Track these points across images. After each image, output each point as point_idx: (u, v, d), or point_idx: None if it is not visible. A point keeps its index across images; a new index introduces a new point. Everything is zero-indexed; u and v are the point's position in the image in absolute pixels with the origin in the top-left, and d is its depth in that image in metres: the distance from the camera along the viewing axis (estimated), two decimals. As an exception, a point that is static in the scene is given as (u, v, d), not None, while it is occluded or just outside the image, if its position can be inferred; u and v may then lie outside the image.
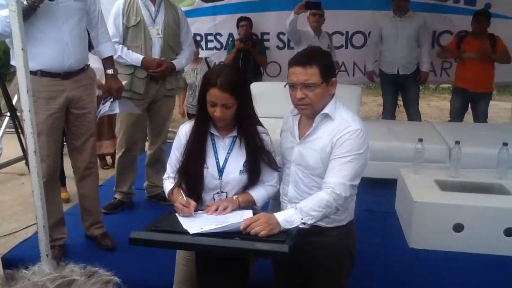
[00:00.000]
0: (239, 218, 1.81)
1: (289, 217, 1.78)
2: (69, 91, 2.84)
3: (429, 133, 4.33)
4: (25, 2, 2.50)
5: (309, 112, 1.98)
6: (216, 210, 1.93)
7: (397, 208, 3.62)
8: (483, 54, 4.88)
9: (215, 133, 2.06)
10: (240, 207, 2.00)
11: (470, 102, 5.27)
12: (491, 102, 5.40)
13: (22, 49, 2.22)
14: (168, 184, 2.13)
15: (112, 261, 2.97)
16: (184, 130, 2.10)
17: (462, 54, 5.02)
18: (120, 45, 3.45)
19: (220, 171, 2.04)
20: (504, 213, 2.95)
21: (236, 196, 2.05)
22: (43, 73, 2.74)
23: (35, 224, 2.60)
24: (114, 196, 3.71)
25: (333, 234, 2.04)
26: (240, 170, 2.04)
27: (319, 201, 1.82)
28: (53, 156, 2.89)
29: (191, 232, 1.72)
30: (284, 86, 1.98)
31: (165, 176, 2.17)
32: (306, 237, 1.99)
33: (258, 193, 2.08)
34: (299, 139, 2.02)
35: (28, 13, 2.55)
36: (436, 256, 2.95)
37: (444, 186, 3.27)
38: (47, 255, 2.52)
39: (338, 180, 1.85)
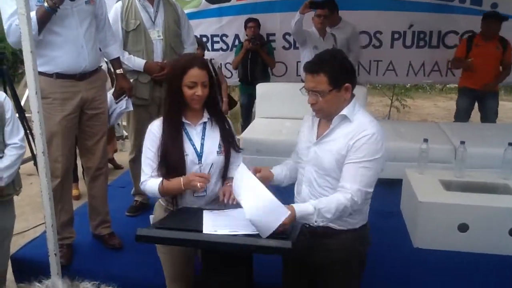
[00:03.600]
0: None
1: (306, 215, 1.81)
2: (83, 92, 2.89)
3: (434, 133, 4.34)
4: (45, 4, 2.56)
5: (322, 116, 2.01)
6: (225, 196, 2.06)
7: (402, 208, 3.63)
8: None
9: (187, 121, 2.14)
10: None
11: (478, 101, 5.25)
12: (499, 102, 5.38)
13: (31, 51, 2.25)
14: (152, 182, 2.11)
15: (119, 261, 3.01)
16: (156, 126, 2.16)
17: (471, 66, 5.00)
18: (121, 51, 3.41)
19: (199, 155, 2.12)
20: (509, 213, 2.94)
21: (230, 184, 2.14)
22: (59, 75, 2.79)
23: (43, 223, 2.64)
24: (135, 199, 3.76)
25: (344, 237, 2.03)
26: (217, 151, 2.15)
27: (338, 205, 1.84)
28: (67, 156, 2.95)
29: (205, 231, 1.74)
30: (300, 90, 2.00)
31: (145, 177, 2.14)
32: (318, 238, 2.02)
33: None
34: (316, 139, 2.03)
35: (49, 15, 2.60)
36: (440, 256, 2.96)
37: (449, 186, 3.28)
38: (55, 254, 2.56)
39: (356, 186, 1.87)
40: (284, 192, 2.14)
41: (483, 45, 4.95)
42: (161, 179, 2.09)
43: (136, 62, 3.40)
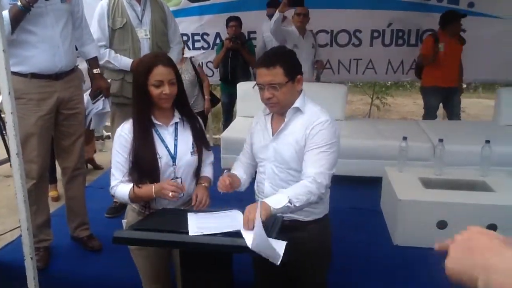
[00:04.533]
0: (235, 221, 1.81)
1: (276, 199, 1.81)
2: (60, 92, 2.85)
3: (414, 131, 4.38)
4: (19, 3, 2.51)
5: (278, 109, 2.02)
6: (200, 203, 2.04)
7: (382, 206, 3.65)
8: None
9: (158, 122, 2.09)
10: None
11: (444, 99, 5.32)
12: (476, 100, 5.47)
13: (3, 50, 2.20)
14: (122, 187, 2.05)
15: (98, 263, 2.97)
16: (126, 129, 2.07)
17: (439, 48, 5.03)
18: (107, 49, 3.36)
19: (173, 157, 2.08)
20: (487, 210, 2.99)
21: (204, 184, 2.16)
22: (34, 75, 2.74)
23: (19, 226, 2.59)
24: (114, 200, 3.67)
25: (311, 229, 2.08)
26: (190, 152, 2.11)
27: (303, 187, 1.85)
28: (44, 157, 2.89)
29: (191, 233, 1.72)
30: (253, 87, 2.04)
31: (114, 182, 2.07)
32: (285, 233, 2.00)
33: (210, 172, 2.26)
34: (273, 135, 2.05)
35: (23, 14, 2.55)
36: (420, 253, 2.97)
37: (428, 183, 3.31)
38: (31, 257, 2.50)
39: (317, 169, 1.90)
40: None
41: (448, 42, 5.02)
42: (131, 185, 2.03)
43: (123, 61, 3.36)
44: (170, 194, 1.92)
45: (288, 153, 2.00)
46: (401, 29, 5.84)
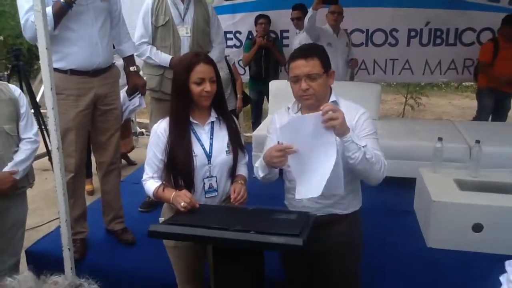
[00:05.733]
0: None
1: (355, 144, 1.82)
2: (97, 88, 2.93)
3: (449, 132, 4.29)
4: (62, 0, 2.60)
5: (313, 102, 1.99)
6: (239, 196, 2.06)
7: (415, 207, 3.60)
8: None
9: (194, 121, 2.11)
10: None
11: (497, 102, 5.23)
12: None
13: (46, 48, 2.27)
14: (151, 184, 2.12)
15: (132, 256, 3.03)
16: (162, 128, 2.10)
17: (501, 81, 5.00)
18: (149, 46, 3.44)
19: (208, 156, 2.09)
20: (525, 214, 2.91)
21: (240, 182, 2.16)
22: (73, 72, 2.83)
23: (57, 218, 2.67)
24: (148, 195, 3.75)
25: (348, 221, 2.09)
26: (226, 151, 2.12)
27: (376, 153, 1.90)
28: (81, 151, 2.98)
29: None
30: (287, 81, 2.04)
31: (145, 177, 2.15)
32: (324, 226, 2.02)
33: (245, 172, 2.27)
34: None
35: (65, 10, 2.64)
36: (454, 256, 2.93)
37: (464, 185, 3.23)
38: (69, 249, 2.58)
39: (378, 152, 1.95)
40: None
41: (507, 47, 4.93)
42: (158, 183, 2.09)
43: (163, 57, 3.43)
44: (182, 204, 1.94)
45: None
46: (439, 28, 5.71)
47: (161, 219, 2.07)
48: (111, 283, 0.97)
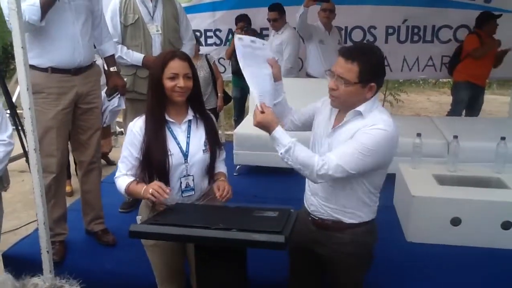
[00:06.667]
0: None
1: (282, 139, 1.85)
2: (78, 87, 2.89)
3: (428, 128, 4.35)
4: None
5: (336, 104, 1.95)
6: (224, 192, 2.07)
7: (395, 202, 3.64)
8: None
9: (171, 119, 2.09)
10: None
11: (472, 96, 5.30)
12: (490, 96, 5.45)
13: (22, 47, 2.23)
14: (123, 180, 2.10)
15: (112, 257, 3.00)
16: (137, 126, 2.09)
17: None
18: (119, 45, 3.42)
19: (185, 154, 2.08)
20: (502, 207, 2.96)
21: (222, 179, 2.17)
22: (54, 70, 2.78)
23: (35, 221, 2.62)
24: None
25: (355, 231, 2.03)
26: (203, 150, 2.12)
27: (309, 158, 1.83)
28: (62, 150, 2.93)
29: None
30: (325, 72, 1.99)
31: (118, 174, 2.13)
32: (329, 232, 2.04)
33: (224, 169, 2.28)
34: (331, 129, 1.98)
35: (53, 1, 2.58)
36: (433, 249, 2.97)
37: (442, 180, 3.29)
38: (47, 251, 2.54)
39: (336, 159, 1.81)
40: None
41: (489, 42, 5.02)
42: (131, 179, 2.08)
43: (135, 56, 3.41)
44: (150, 190, 1.92)
45: None
46: (417, 25, 5.77)
47: (139, 217, 2.05)
48: (91, 286, 0.95)
